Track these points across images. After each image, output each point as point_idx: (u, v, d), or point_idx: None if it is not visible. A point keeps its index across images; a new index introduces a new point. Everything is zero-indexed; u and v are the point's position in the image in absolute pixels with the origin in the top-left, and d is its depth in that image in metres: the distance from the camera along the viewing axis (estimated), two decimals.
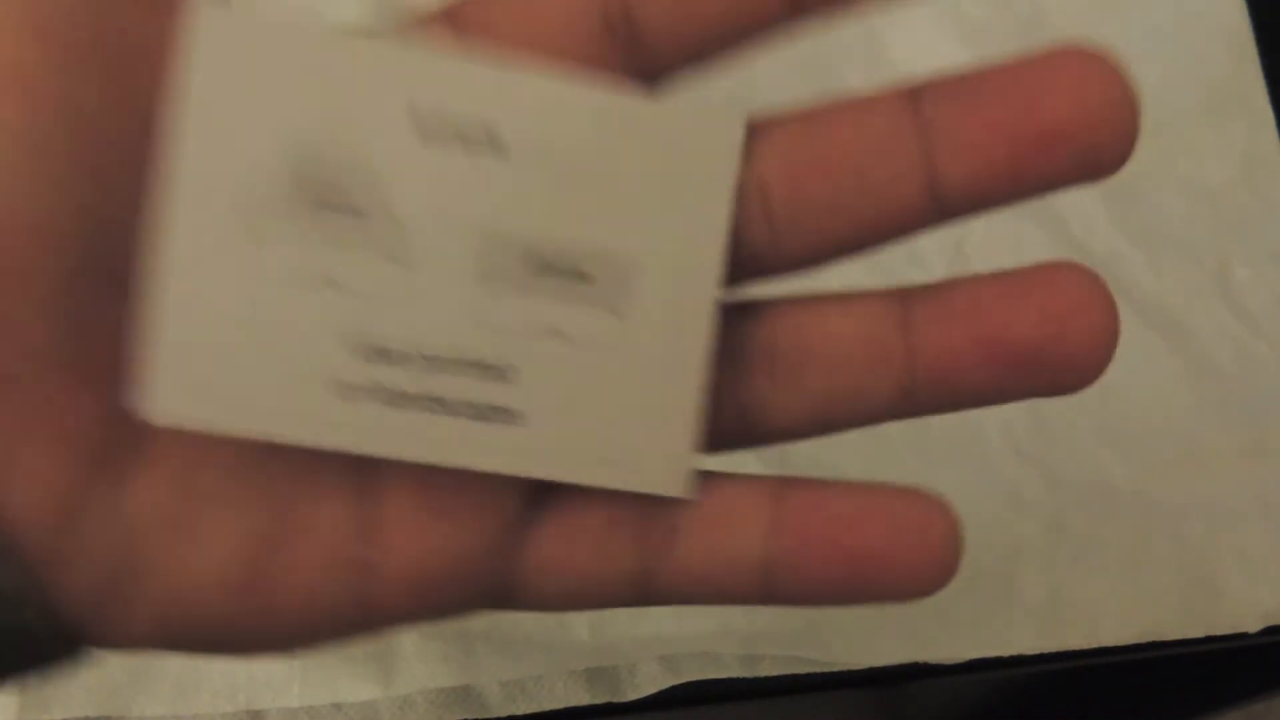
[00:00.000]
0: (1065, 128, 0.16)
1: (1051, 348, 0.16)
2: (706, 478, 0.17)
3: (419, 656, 0.32)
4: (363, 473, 0.17)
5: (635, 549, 0.17)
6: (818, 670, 0.32)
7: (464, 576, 0.18)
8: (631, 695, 0.32)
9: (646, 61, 0.17)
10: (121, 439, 0.16)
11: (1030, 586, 0.34)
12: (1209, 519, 0.35)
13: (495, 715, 0.32)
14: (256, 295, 0.16)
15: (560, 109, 0.16)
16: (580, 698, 0.32)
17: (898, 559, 0.17)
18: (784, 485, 0.18)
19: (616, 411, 0.17)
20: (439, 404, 0.16)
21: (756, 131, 0.17)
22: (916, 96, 0.16)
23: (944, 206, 0.16)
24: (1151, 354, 0.35)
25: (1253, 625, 0.34)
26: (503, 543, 0.18)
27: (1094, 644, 0.33)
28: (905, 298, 0.17)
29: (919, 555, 0.17)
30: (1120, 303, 0.17)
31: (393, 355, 0.16)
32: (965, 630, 0.33)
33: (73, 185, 0.15)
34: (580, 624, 0.32)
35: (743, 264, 0.17)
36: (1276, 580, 0.34)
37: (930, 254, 0.35)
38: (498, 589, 0.18)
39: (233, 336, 0.16)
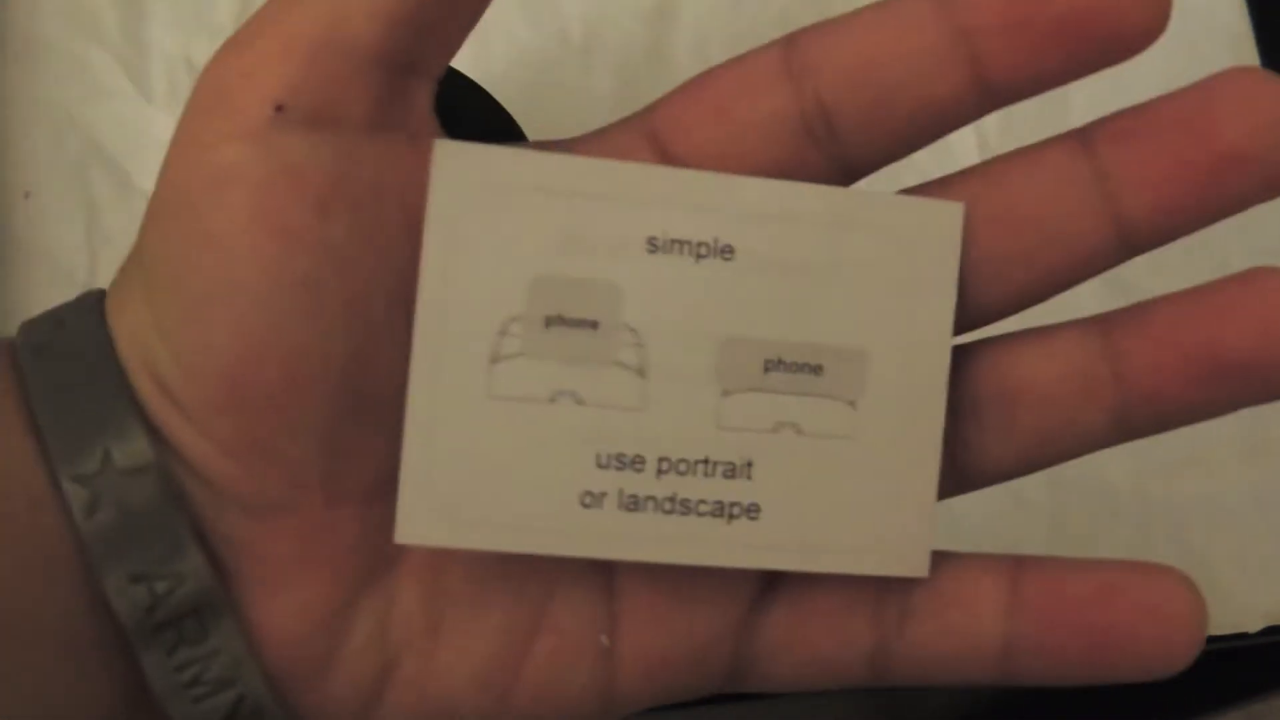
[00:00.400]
0: (1241, 149, 0.16)
1: (1262, 355, 0.16)
2: (939, 557, 0.18)
3: None
4: (601, 565, 0.18)
5: (870, 630, 0.18)
6: None
7: (701, 662, 0.18)
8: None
9: (844, 161, 0.17)
10: (380, 555, 0.17)
11: None
12: (1209, 519, 0.35)
13: None
14: (501, 416, 0.16)
15: (784, 211, 0.16)
16: None
17: (1142, 636, 0.17)
18: (1020, 564, 0.18)
19: (852, 497, 0.17)
20: (680, 505, 0.17)
21: (940, 189, 0.17)
22: (1088, 139, 0.17)
23: (1132, 243, 0.17)
24: None
25: (1253, 625, 0.34)
26: (738, 628, 0.18)
27: None
28: (1105, 325, 0.17)
29: (1164, 632, 0.17)
30: (1120, 303, 0.17)
31: (634, 462, 0.17)
32: None
33: (329, 320, 0.16)
34: None
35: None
36: (1276, 580, 0.34)
37: None
38: (733, 672, 0.18)
39: (481, 458, 0.16)
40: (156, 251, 0.16)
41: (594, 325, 0.16)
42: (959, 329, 0.17)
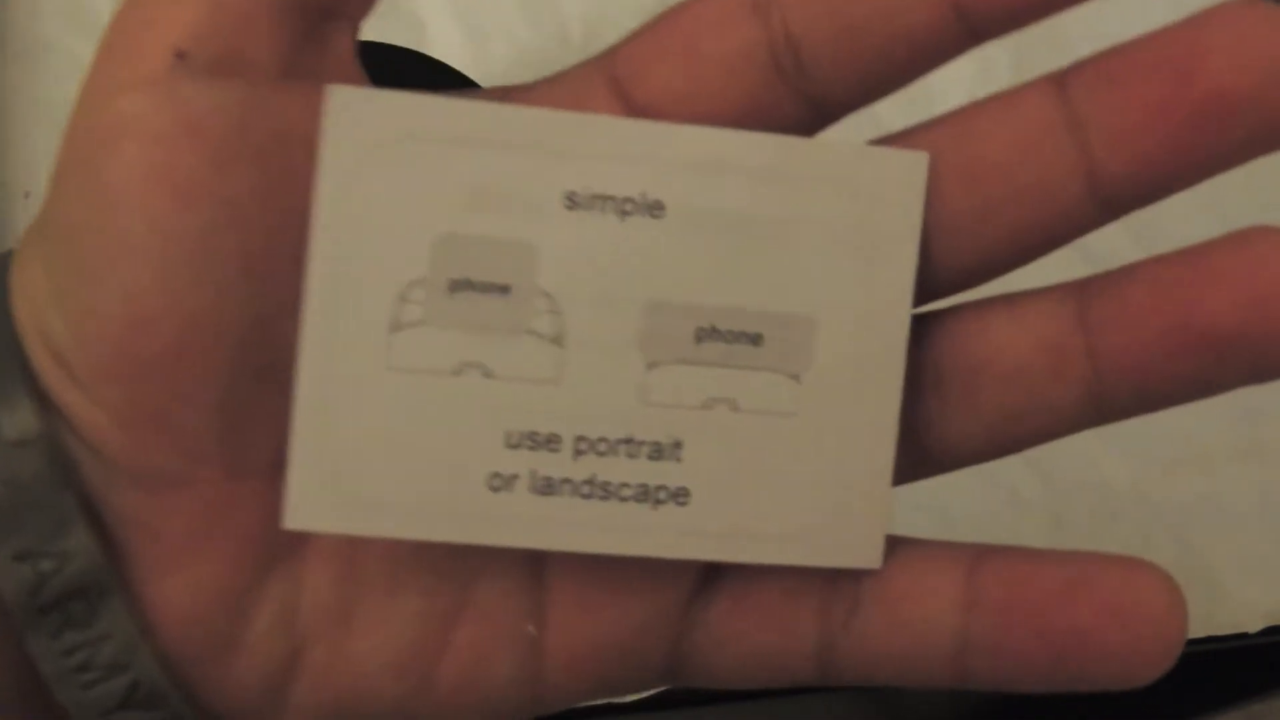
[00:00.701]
0: (1229, 88, 0.14)
1: (1252, 326, 0.14)
2: (893, 544, 0.16)
3: None
4: (530, 550, 0.16)
5: (816, 624, 0.16)
6: None
7: (633, 654, 0.17)
8: (632, 695, 0.31)
9: (816, 100, 0.16)
10: (286, 534, 0.16)
11: None
12: (1209, 519, 0.35)
13: None
14: (401, 389, 0.15)
15: (721, 162, 0.15)
16: None
17: (1111, 641, 0.15)
18: (980, 555, 0.16)
19: (795, 481, 0.15)
20: (599, 489, 0.15)
21: (901, 139, 0.16)
22: (1064, 83, 0.15)
23: (1109, 202, 0.15)
24: None
25: (1253, 625, 0.34)
26: (675, 619, 0.17)
27: None
28: (1079, 293, 0.16)
29: (1135, 636, 0.15)
30: None
31: (548, 441, 0.15)
32: None
33: (229, 281, 0.15)
34: None
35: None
36: (1276, 580, 0.34)
37: None
38: (671, 666, 0.17)
39: (378, 435, 0.15)
40: (54, 210, 0.15)
41: (505, 290, 0.15)
42: (919, 298, 0.16)
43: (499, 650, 0.17)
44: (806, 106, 0.16)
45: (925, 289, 0.16)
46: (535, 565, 0.17)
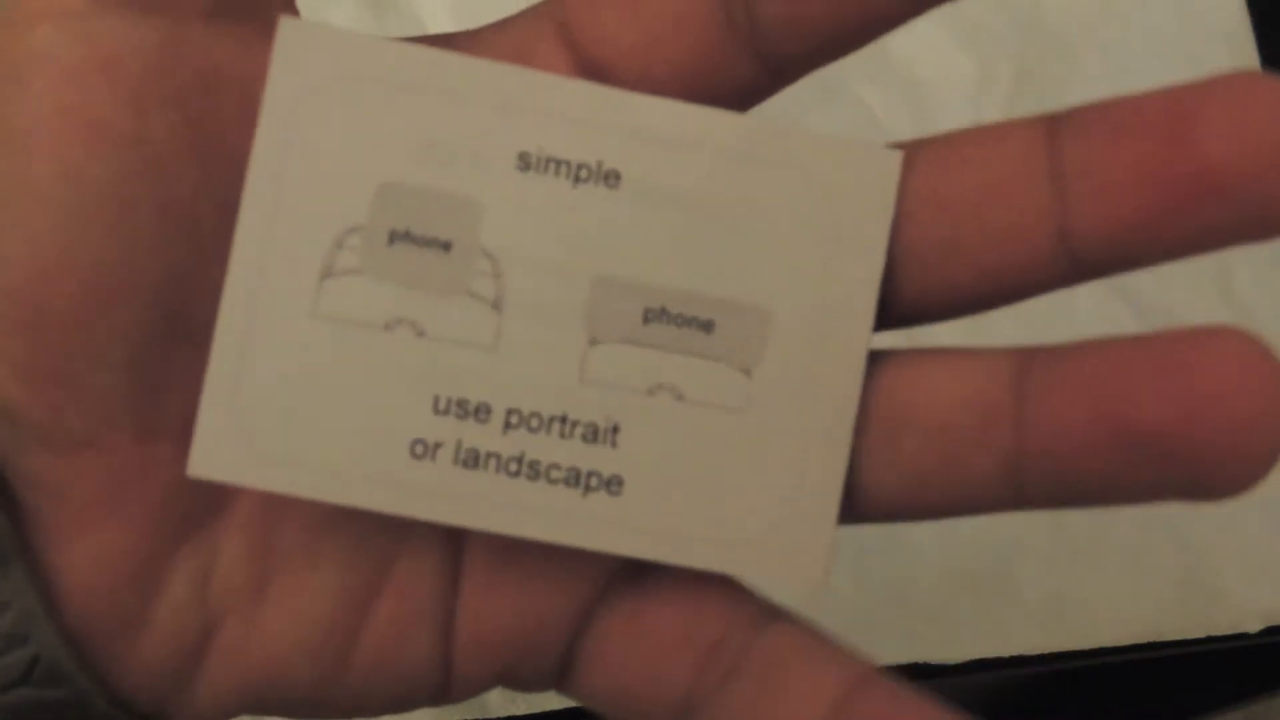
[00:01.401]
0: (1222, 165, 0.13)
1: (1188, 435, 0.13)
2: (794, 633, 0.15)
3: None
4: (449, 527, 0.16)
5: (690, 675, 0.16)
6: None
7: (536, 647, 0.16)
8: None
9: (768, 59, 0.15)
10: (200, 502, 0.15)
11: (1030, 586, 0.34)
12: (1209, 519, 0.35)
13: (495, 715, 0.31)
14: (326, 339, 0.14)
15: (685, 138, 0.14)
16: None
17: None
18: (864, 679, 0.15)
19: (739, 484, 0.15)
20: (527, 468, 0.14)
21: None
22: (1056, 127, 0.14)
23: (1080, 262, 0.14)
24: None
25: (1253, 625, 0.34)
26: (576, 618, 0.16)
27: (1094, 644, 0.33)
28: (1024, 359, 0.15)
29: None
30: (1120, 303, 0.16)
31: (478, 410, 0.14)
32: (965, 630, 0.33)
33: (144, 231, 0.14)
34: None
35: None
36: (1276, 580, 0.34)
37: None
38: (562, 669, 0.17)
39: (298, 386, 0.14)
40: None
41: (446, 246, 0.14)
42: (875, 322, 0.15)
43: (416, 630, 0.16)
44: (760, 65, 0.15)
45: (881, 314, 0.15)
46: (454, 543, 0.16)
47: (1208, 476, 0.13)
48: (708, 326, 0.14)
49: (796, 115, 0.36)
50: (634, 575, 0.16)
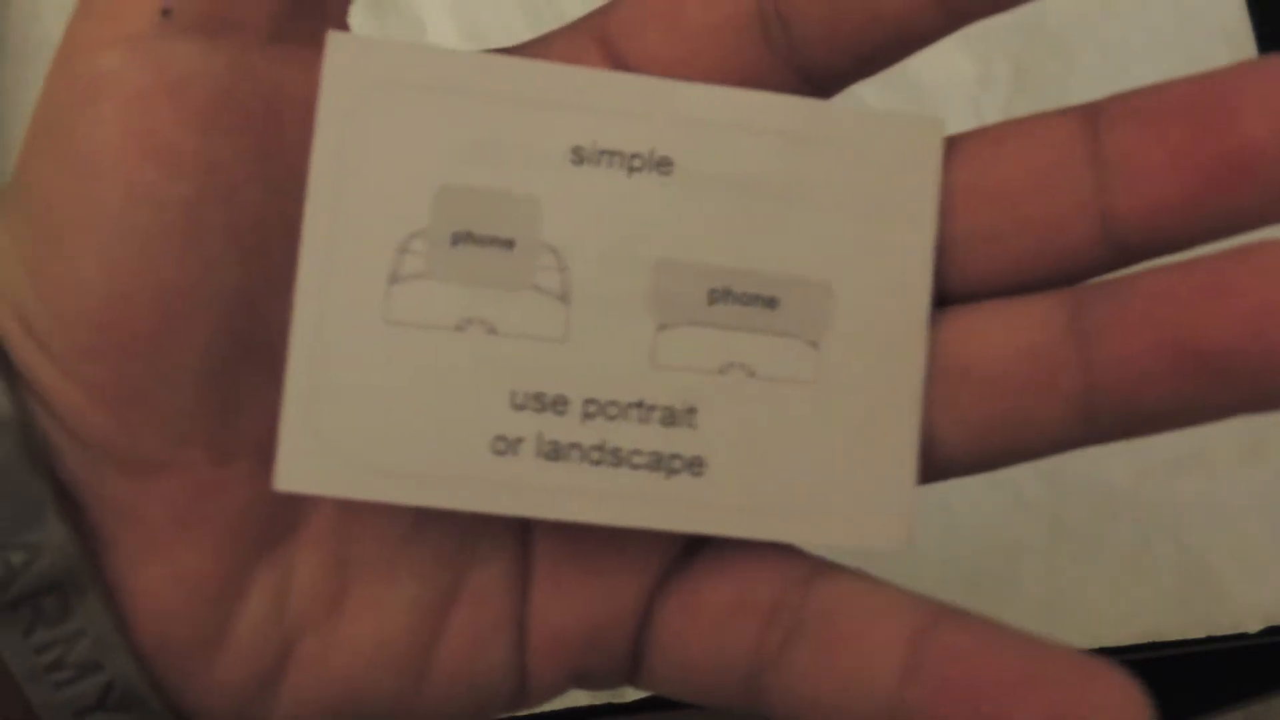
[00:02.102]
0: (1260, 147, 0.13)
1: (1250, 347, 0.13)
2: (854, 577, 0.16)
3: None
4: (519, 523, 0.16)
5: (751, 646, 0.16)
6: None
7: (605, 643, 0.16)
8: (631, 695, 0.31)
9: (805, 74, 0.15)
10: (276, 519, 0.15)
11: (1030, 586, 0.34)
12: (1209, 519, 0.35)
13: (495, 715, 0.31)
14: (400, 344, 0.14)
15: (734, 122, 0.14)
16: (580, 698, 0.32)
17: None
18: (937, 616, 0.15)
19: (817, 455, 0.15)
20: (610, 455, 0.14)
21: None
22: (1093, 116, 0.15)
23: (1122, 246, 0.14)
24: None
25: (1253, 625, 0.34)
26: (641, 609, 0.16)
27: (1094, 644, 0.33)
28: (1073, 301, 0.15)
29: None
30: None
31: (555, 403, 0.14)
32: None
33: (215, 253, 0.14)
34: None
35: None
36: (1276, 580, 0.34)
37: None
38: (633, 662, 0.16)
39: (376, 393, 0.14)
40: (27, 175, 0.15)
41: (508, 244, 0.14)
42: None
43: (491, 637, 0.16)
44: (797, 79, 0.15)
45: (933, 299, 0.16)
46: (523, 548, 0.16)
47: (1272, 388, 0.13)
48: (772, 303, 0.15)
49: None
50: (687, 556, 0.16)
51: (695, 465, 0.15)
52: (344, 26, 0.15)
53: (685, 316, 0.14)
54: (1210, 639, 0.34)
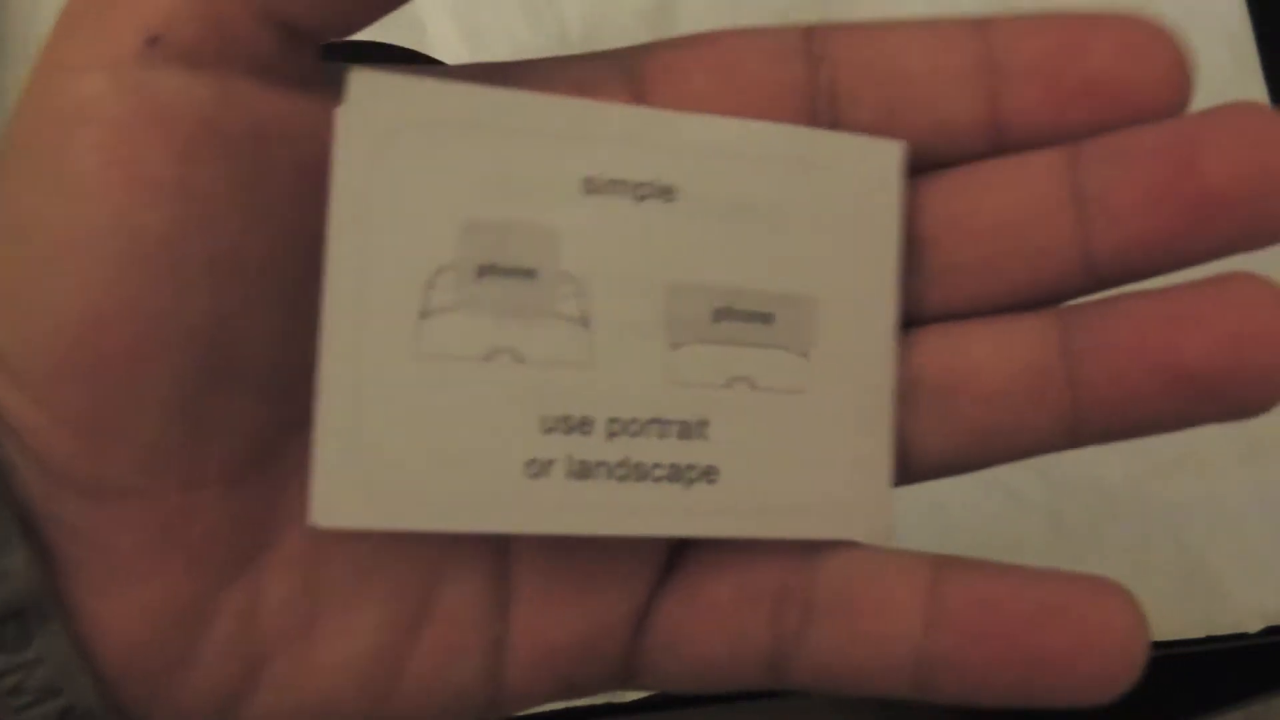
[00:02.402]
0: (1227, 190, 0.15)
1: (1228, 369, 0.15)
2: (851, 551, 0.16)
3: None
4: (495, 544, 0.16)
5: (768, 631, 0.16)
6: None
7: (597, 652, 0.17)
8: (631, 695, 0.31)
9: None
10: (244, 544, 0.15)
11: None
12: (1209, 519, 0.35)
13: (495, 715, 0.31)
14: (432, 377, 0.15)
15: (728, 149, 0.15)
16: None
17: (1078, 663, 0.15)
18: (941, 567, 0.16)
19: (810, 456, 0.16)
20: (634, 470, 0.15)
21: (924, 178, 0.16)
22: (1075, 155, 0.16)
23: (1099, 275, 0.16)
24: None
25: (1253, 625, 0.34)
26: (634, 617, 0.16)
27: None
28: (1066, 320, 0.16)
29: (1102, 658, 0.15)
30: None
31: (582, 424, 0.15)
32: None
33: (193, 280, 0.14)
34: None
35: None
36: (1276, 580, 0.34)
37: None
38: (628, 667, 0.17)
39: (410, 426, 0.15)
40: (1, 194, 0.14)
41: (530, 274, 0.15)
42: (910, 325, 0.16)
43: (464, 652, 0.16)
44: None
45: (914, 319, 0.16)
46: (500, 564, 0.16)
47: (1245, 403, 0.15)
48: (768, 319, 0.15)
49: None
50: (678, 559, 0.17)
51: (710, 474, 0.15)
52: (320, 68, 0.15)
53: (694, 335, 0.15)
54: (1210, 639, 0.34)
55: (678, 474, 0.15)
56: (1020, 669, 0.15)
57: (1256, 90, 0.38)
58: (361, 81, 0.14)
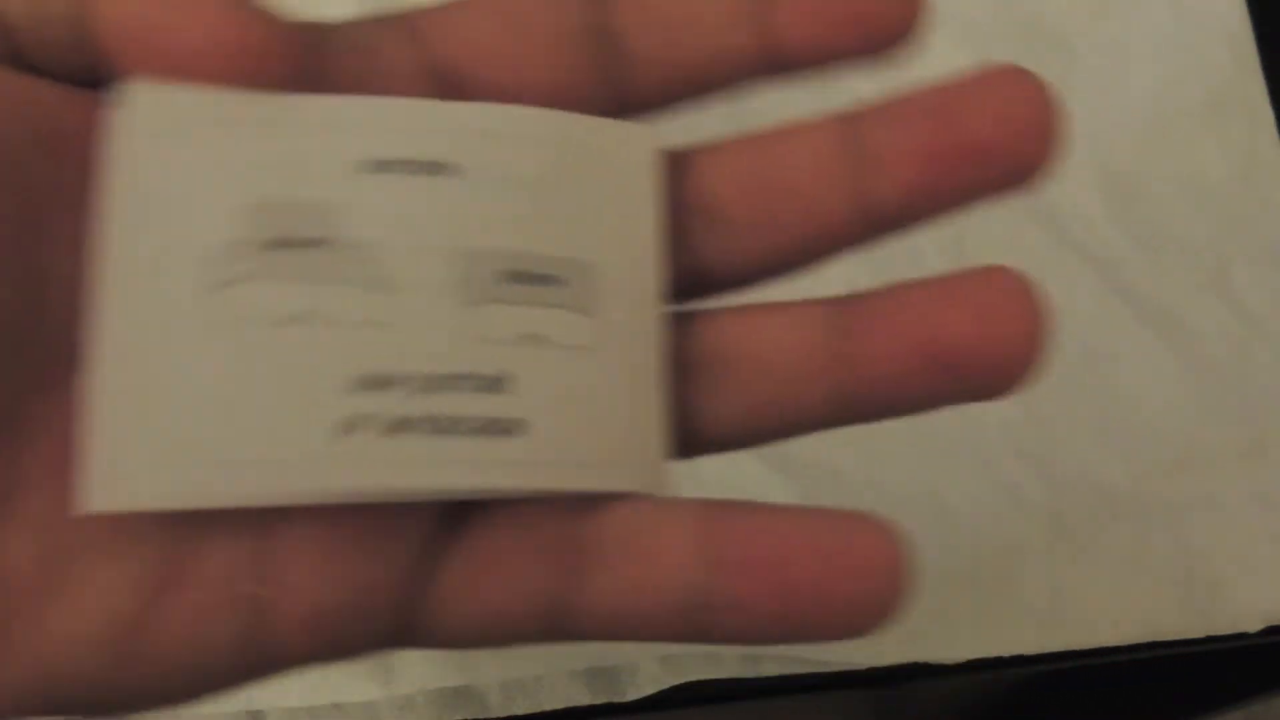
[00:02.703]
0: (985, 140, 0.16)
1: (980, 351, 0.16)
2: (626, 500, 0.17)
3: (419, 656, 0.32)
4: (260, 511, 0.16)
5: (547, 582, 0.17)
6: (818, 670, 0.32)
7: (368, 612, 0.17)
8: (631, 695, 0.32)
9: (621, 96, 0.17)
10: None
11: (1030, 586, 0.34)
12: (1209, 519, 0.35)
13: (495, 715, 0.32)
14: (226, 345, 0.15)
15: (506, 131, 0.16)
16: (580, 698, 0.32)
17: (839, 595, 0.16)
18: (712, 510, 0.17)
19: (598, 412, 0.16)
20: (443, 424, 0.15)
21: (707, 151, 0.18)
22: (852, 118, 0.17)
23: (875, 222, 0.17)
24: (1151, 354, 0.35)
25: (1253, 625, 0.34)
26: (405, 577, 0.17)
27: (1094, 644, 0.33)
28: (843, 305, 0.17)
29: (862, 590, 0.16)
30: (1120, 303, 0.17)
31: (389, 381, 0.15)
32: (965, 630, 0.33)
33: None
34: None
35: (695, 278, 0.17)
36: (1276, 580, 0.34)
37: (930, 254, 0.35)
38: (402, 626, 0.17)
39: (204, 396, 0.15)
40: None
41: (323, 243, 0.15)
42: (715, 289, 0.18)
43: (218, 614, 0.16)
44: (611, 97, 0.17)
45: (722, 283, 0.18)
46: (262, 525, 0.16)
47: (993, 381, 0.16)
48: (555, 281, 0.16)
49: (794, 114, 0.36)
50: (458, 515, 0.17)
51: (520, 427, 0.16)
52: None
53: (487, 295, 0.16)
54: (1210, 639, 0.34)
55: (485, 427, 0.16)
56: (788, 603, 0.16)
57: (1256, 90, 0.38)
58: (134, 90, 0.15)
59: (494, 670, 0.32)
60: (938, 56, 0.42)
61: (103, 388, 0.15)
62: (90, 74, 0.16)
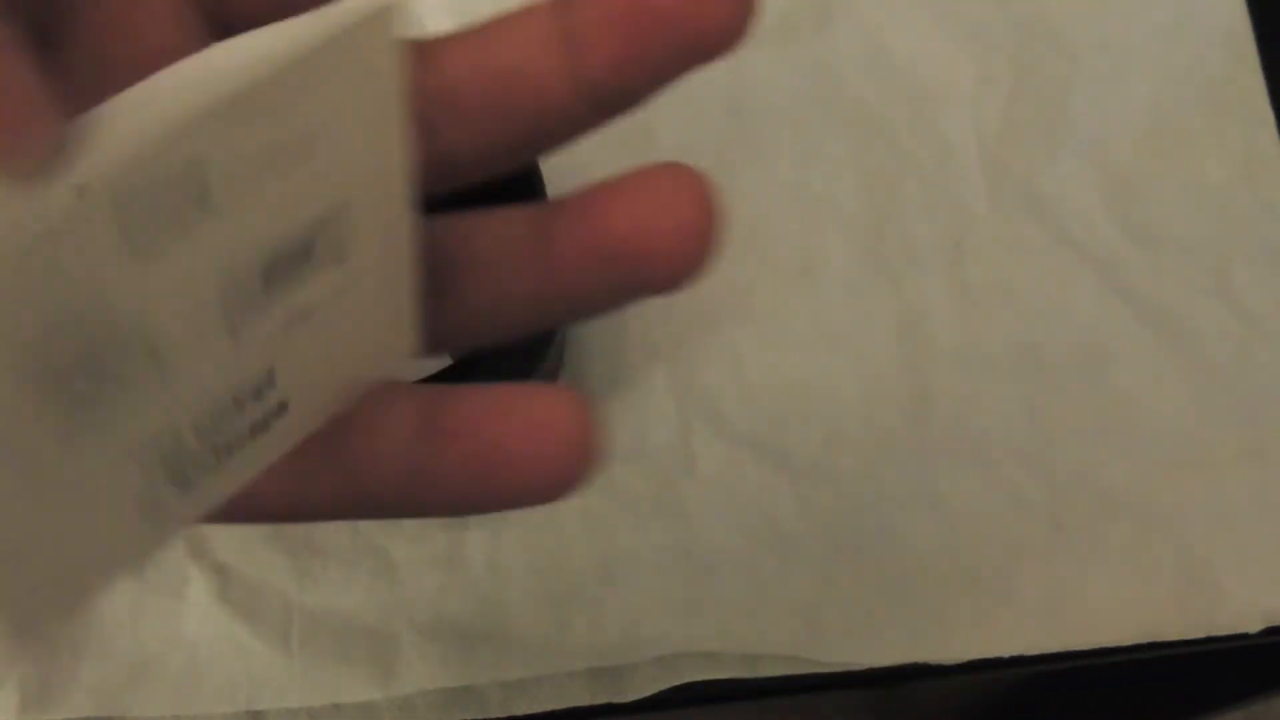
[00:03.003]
0: (668, 12, 0.18)
1: (651, 243, 0.17)
2: (371, 388, 0.18)
3: (419, 657, 0.32)
4: None
5: (305, 463, 0.18)
6: (818, 670, 0.32)
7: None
8: (631, 695, 0.32)
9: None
10: None
11: (1030, 586, 0.34)
12: (1209, 519, 0.35)
13: (495, 715, 0.32)
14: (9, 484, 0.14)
15: (236, 111, 0.14)
16: (580, 698, 0.32)
17: (527, 459, 0.18)
18: (443, 391, 0.18)
19: (351, 336, 0.17)
20: (225, 449, 0.16)
21: (439, 44, 0.18)
22: (566, 6, 0.18)
23: (595, 99, 0.18)
24: (1151, 354, 0.35)
25: (1253, 625, 0.34)
26: None
27: (1094, 644, 0.33)
28: (544, 209, 0.18)
29: (551, 452, 0.18)
30: (1120, 303, 0.17)
31: (171, 439, 0.15)
32: (965, 630, 0.33)
33: None
34: (580, 624, 0.32)
35: (440, 171, 0.18)
36: (1276, 580, 0.34)
37: (929, 253, 0.35)
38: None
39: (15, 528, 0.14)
40: None
41: (101, 361, 0.14)
42: (443, 181, 0.18)
43: None
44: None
45: (447, 173, 0.18)
46: None
47: (670, 273, 0.18)
48: (310, 250, 0.16)
49: (794, 114, 0.36)
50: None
51: (282, 410, 0.17)
52: None
53: (250, 313, 0.15)
54: (1210, 639, 0.34)
55: (260, 427, 0.16)
56: (474, 466, 0.18)
57: (1256, 90, 0.38)
58: None
59: (494, 670, 0.32)
60: (938, 56, 0.42)
61: None
62: None
